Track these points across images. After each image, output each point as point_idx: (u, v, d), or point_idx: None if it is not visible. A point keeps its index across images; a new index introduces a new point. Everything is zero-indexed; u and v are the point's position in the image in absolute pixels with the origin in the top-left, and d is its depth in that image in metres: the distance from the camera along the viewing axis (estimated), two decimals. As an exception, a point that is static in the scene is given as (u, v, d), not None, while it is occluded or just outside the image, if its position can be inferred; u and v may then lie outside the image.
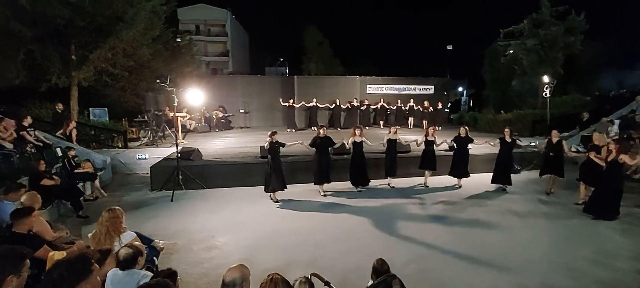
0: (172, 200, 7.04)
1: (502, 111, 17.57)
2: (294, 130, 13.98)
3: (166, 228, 5.54)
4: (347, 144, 7.68)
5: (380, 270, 2.90)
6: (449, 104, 16.75)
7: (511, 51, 18.73)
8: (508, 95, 20.61)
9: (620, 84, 25.04)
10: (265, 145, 6.86)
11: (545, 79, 13.41)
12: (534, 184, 8.28)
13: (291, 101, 14.49)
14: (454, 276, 4.10)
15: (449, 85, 20.73)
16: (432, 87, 18.18)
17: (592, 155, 6.55)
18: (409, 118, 16.02)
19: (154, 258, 3.82)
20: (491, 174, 8.12)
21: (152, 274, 2.80)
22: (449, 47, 23.79)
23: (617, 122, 10.61)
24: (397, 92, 17.51)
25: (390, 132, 8.02)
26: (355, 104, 15.54)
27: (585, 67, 22.13)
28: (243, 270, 2.29)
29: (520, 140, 8.45)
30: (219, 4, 36.56)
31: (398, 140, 8.12)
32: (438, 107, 15.95)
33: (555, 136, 7.62)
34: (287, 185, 7.21)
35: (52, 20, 9.32)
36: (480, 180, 8.41)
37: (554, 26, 16.49)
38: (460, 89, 33.98)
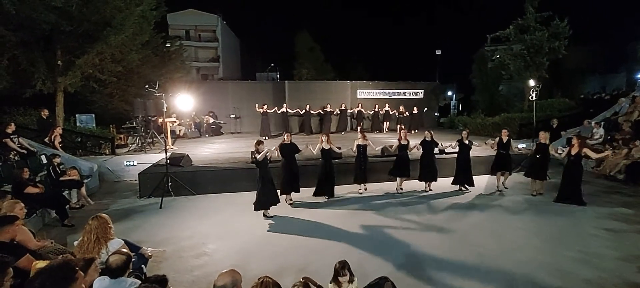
0: (161, 207, 6.92)
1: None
2: (267, 138, 13.49)
3: (155, 236, 5.44)
4: (314, 151, 7.32)
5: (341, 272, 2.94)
6: (425, 109, 16.89)
7: (498, 56, 19.06)
8: (496, 99, 21.00)
9: (604, 88, 25.91)
10: (258, 156, 6.16)
11: (531, 82, 13.71)
12: (517, 185, 8.33)
13: (265, 106, 14.24)
14: (445, 279, 4.11)
15: (438, 89, 21.01)
16: (422, 91, 18.39)
17: (552, 150, 7.32)
18: (384, 122, 16.08)
19: (142, 266, 3.73)
20: (485, 176, 8.03)
21: (140, 282, 2.73)
22: (438, 52, 24.10)
23: (602, 124, 10.92)
24: (387, 97, 17.63)
25: (360, 138, 7.77)
26: (329, 109, 15.40)
27: (570, 71, 22.79)
28: (234, 275, 2.26)
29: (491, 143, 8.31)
30: (210, 9, 36.60)
31: (369, 145, 7.86)
32: (414, 111, 15.98)
33: (505, 135, 7.75)
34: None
35: (38, 25, 9.12)
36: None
37: (539, 31, 16.83)
38: (449, 93, 34.55)
